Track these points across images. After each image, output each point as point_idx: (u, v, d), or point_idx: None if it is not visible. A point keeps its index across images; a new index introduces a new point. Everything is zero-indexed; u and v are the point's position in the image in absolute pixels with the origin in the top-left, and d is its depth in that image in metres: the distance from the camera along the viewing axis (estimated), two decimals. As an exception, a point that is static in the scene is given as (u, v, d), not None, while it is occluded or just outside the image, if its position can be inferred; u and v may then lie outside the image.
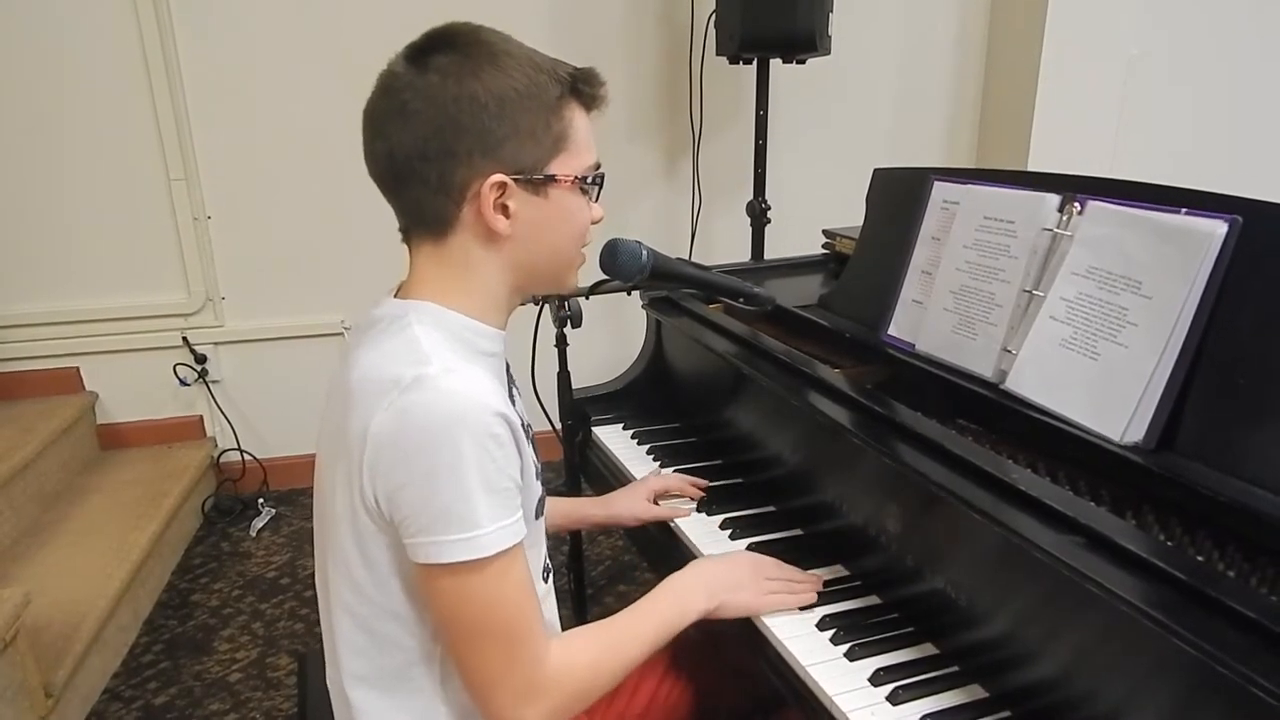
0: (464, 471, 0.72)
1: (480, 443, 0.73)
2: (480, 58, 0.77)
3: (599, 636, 0.89)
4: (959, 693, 0.85)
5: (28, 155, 2.31)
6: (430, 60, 0.77)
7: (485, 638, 0.77)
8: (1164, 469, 0.85)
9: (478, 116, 0.76)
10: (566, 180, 0.82)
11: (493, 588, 0.76)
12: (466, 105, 0.76)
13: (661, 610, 0.92)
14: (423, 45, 0.79)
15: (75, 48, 2.26)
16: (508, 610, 0.77)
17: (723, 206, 2.72)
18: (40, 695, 1.57)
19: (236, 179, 2.44)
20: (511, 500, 0.77)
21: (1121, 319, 0.92)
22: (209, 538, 2.45)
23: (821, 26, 2.12)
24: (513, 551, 0.76)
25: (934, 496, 0.90)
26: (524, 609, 0.79)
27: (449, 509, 0.73)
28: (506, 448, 0.76)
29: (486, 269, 0.83)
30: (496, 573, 0.75)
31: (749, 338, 1.33)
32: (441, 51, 0.77)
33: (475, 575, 0.75)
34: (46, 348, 2.44)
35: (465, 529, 0.73)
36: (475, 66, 0.76)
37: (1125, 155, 2.71)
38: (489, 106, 0.76)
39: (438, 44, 0.78)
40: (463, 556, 0.73)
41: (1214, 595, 0.67)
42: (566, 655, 0.83)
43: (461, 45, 0.78)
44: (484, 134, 0.76)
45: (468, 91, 0.76)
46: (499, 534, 0.75)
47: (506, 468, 0.76)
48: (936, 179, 1.22)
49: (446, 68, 0.76)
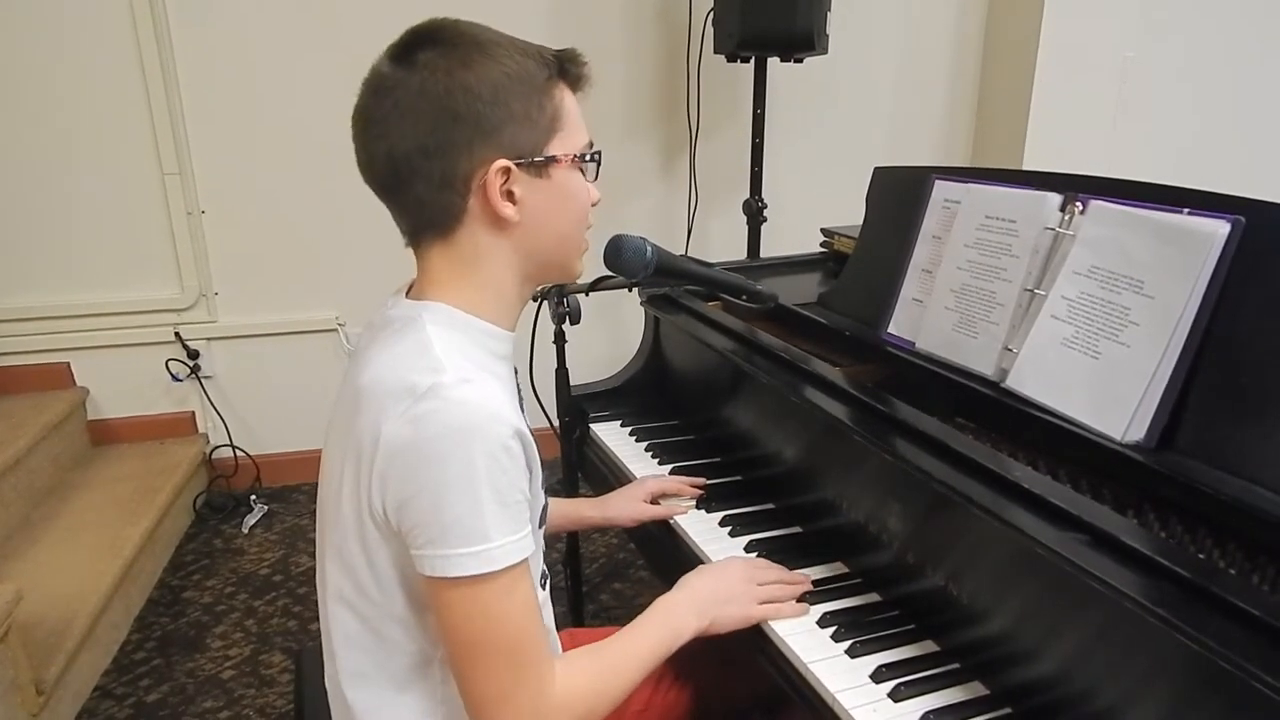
0: (475, 484, 0.72)
1: (493, 455, 0.72)
2: (466, 48, 0.77)
3: (598, 661, 0.87)
4: (960, 689, 0.86)
5: (19, 148, 2.29)
6: (417, 57, 0.76)
7: (490, 654, 0.75)
8: (1165, 468, 0.85)
9: (473, 105, 0.76)
10: (567, 159, 0.82)
11: (499, 603, 0.74)
12: (461, 95, 0.75)
13: (654, 633, 0.91)
14: (406, 43, 0.78)
15: (68, 41, 2.24)
16: (514, 627, 0.76)
17: (719, 205, 2.72)
18: (32, 692, 1.56)
19: (230, 174, 2.42)
20: (521, 514, 0.76)
21: (1123, 318, 0.92)
22: (201, 534, 2.44)
23: (820, 25, 2.13)
24: (520, 568, 0.75)
25: (935, 493, 0.90)
26: (530, 629, 0.77)
27: (459, 522, 0.72)
28: (518, 461, 0.75)
29: (497, 261, 0.82)
30: (503, 588, 0.74)
31: (748, 335, 1.33)
32: (426, 48, 0.77)
33: (482, 589, 0.73)
34: (37, 342, 2.42)
35: (474, 542, 0.72)
36: (464, 57, 0.76)
37: (1120, 157, 2.72)
38: (483, 94, 0.76)
39: (421, 41, 0.78)
40: (471, 570, 0.72)
41: (1216, 592, 0.67)
42: (569, 680, 0.81)
43: (445, 39, 0.78)
44: (481, 121, 0.76)
45: (460, 82, 0.75)
46: (508, 548, 0.74)
47: (518, 481, 0.75)
48: (938, 178, 1.22)
49: (435, 62, 0.76)
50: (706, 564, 1.09)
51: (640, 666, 0.88)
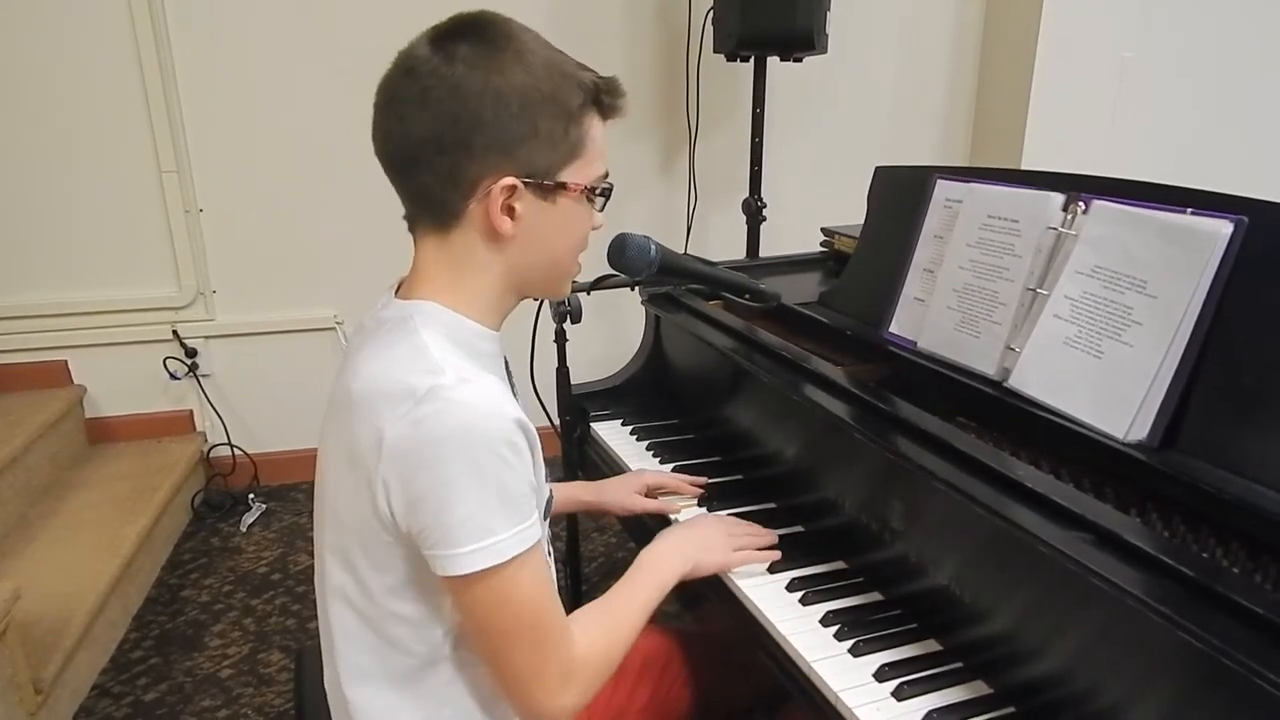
0: (482, 482, 0.72)
1: (497, 452, 0.73)
2: (507, 54, 0.75)
3: (603, 613, 0.91)
4: (964, 688, 0.86)
5: (18, 147, 2.28)
6: (456, 48, 0.75)
7: (518, 639, 0.77)
8: (1168, 467, 0.85)
9: (499, 114, 0.74)
10: (576, 189, 0.81)
11: (516, 589, 0.76)
12: (490, 101, 0.74)
13: (646, 582, 0.96)
14: (450, 30, 0.77)
15: (67, 38, 2.23)
16: (534, 607, 0.78)
17: (718, 204, 2.72)
18: (30, 691, 1.55)
19: (229, 172, 2.41)
20: (528, 504, 0.76)
21: (1126, 318, 0.92)
22: (199, 533, 2.43)
23: (819, 24, 2.13)
24: (530, 552, 0.76)
25: (938, 492, 0.90)
26: (547, 603, 0.79)
27: (468, 520, 0.72)
28: (523, 455, 0.76)
29: (486, 269, 0.82)
30: (516, 575, 0.75)
31: (749, 334, 1.33)
32: (468, 40, 0.75)
33: (496, 580, 0.74)
34: (35, 340, 2.41)
35: (483, 538, 0.73)
36: (502, 62, 0.75)
37: (1119, 156, 2.72)
38: (511, 105, 0.75)
39: (465, 32, 0.76)
40: (482, 565, 0.73)
41: (1219, 590, 0.67)
42: (585, 635, 0.84)
43: (490, 37, 0.76)
44: (503, 132, 0.75)
45: (493, 87, 0.74)
46: (515, 539, 0.74)
47: (524, 474, 0.76)
48: (940, 178, 1.22)
49: (473, 59, 0.74)
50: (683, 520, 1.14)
51: (642, 616, 0.93)
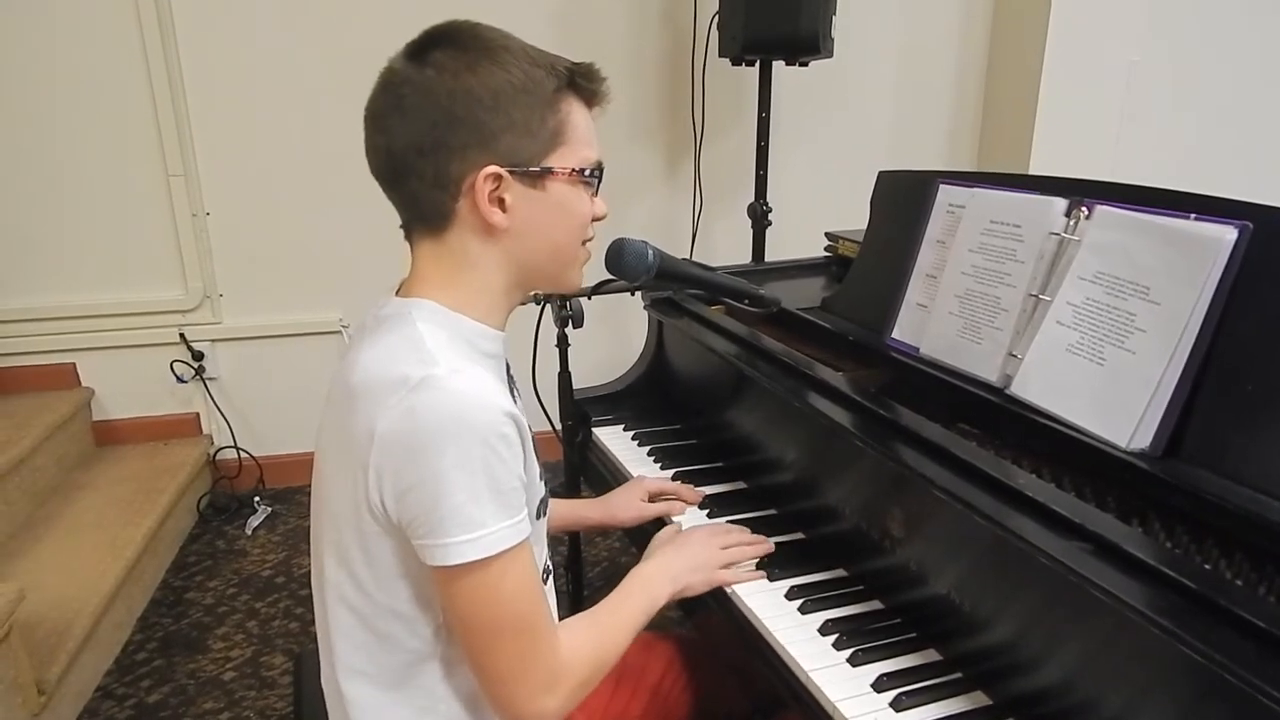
0: (472, 473, 0.73)
1: (488, 443, 0.73)
2: (477, 52, 0.78)
3: (594, 627, 0.91)
4: (962, 699, 0.85)
5: (26, 150, 2.29)
6: (429, 56, 0.78)
7: (502, 635, 0.78)
8: (1171, 476, 0.84)
9: (472, 110, 0.77)
10: (564, 173, 0.82)
11: (502, 584, 0.76)
12: (462, 99, 0.76)
13: (635, 600, 0.97)
14: (422, 42, 0.80)
15: (74, 42, 2.25)
16: (519, 605, 0.78)
17: (724, 208, 2.71)
18: (33, 692, 1.56)
19: (235, 175, 2.43)
20: (518, 499, 0.77)
21: (1129, 325, 0.92)
22: (204, 535, 2.44)
23: (825, 29, 2.12)
24: (518, 547, 0.77)
25: (938, 500, 0.89)
26: (534, 603, 0.80)
27: (457, 511, 0.73)
28: (514, 448, 0.76)
29: (485, 265, 0.83)
30: (504, 569, 0.76)
31: (751, 339, 1.33)
32: (440, 48, 0.78)
33: (483, 573, 0.75)
34: (43, 343, 2.43)
35: (472, 529, 0.73)
36: (472, 61, 0.77)
37: (1126, 161, 2.71)
38: (484, 100, 0.77)
39: (437, 40, 0.79)
40: (471, 557, 0.74)
41: (1222, 603, 0.66)
42: (572, 642, 0.84)
43: (460, 41, 0.79)
44: (479, 127, 0.77)
45: (463, 86, 0.76)
46: (505, 532, 0.75)
47: (514, 467, 0.76)
48: (942, 182, 1.22)
49: (444, 63, 0.77)
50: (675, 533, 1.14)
51: (630, 633, 0.94)
